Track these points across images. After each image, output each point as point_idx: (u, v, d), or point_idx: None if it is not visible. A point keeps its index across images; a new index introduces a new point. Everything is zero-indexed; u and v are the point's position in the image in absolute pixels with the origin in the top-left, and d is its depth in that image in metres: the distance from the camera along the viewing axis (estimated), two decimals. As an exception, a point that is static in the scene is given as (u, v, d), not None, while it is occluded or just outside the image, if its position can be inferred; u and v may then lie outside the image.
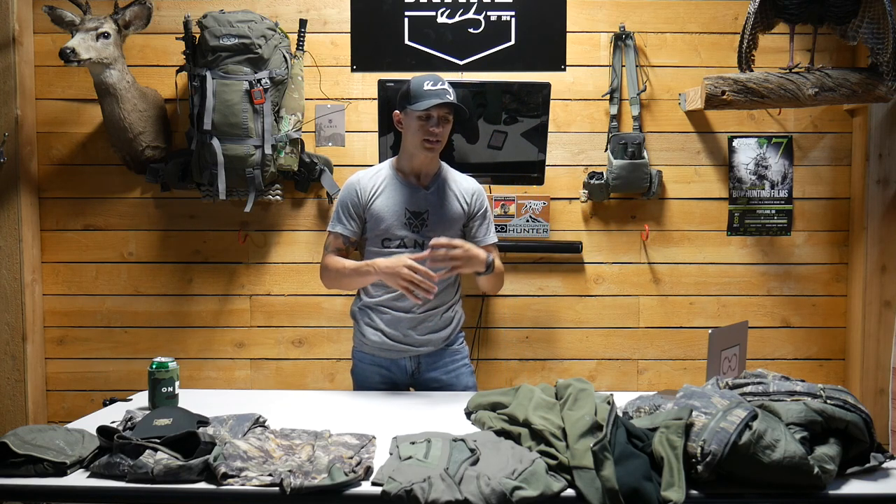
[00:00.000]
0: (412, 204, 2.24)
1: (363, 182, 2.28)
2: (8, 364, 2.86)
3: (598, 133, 2.94)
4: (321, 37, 2.92)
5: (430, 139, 2.18)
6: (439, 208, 2.25)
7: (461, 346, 2.37)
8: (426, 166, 2.27)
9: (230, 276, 2.97)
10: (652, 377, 2.99)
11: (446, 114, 2.20)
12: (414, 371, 2.30)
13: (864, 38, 2.44)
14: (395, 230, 2.23)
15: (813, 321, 2.99)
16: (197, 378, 2.96)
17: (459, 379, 2.33)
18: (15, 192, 2.83)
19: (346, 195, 2.29)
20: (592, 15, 2.92)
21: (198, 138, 2.68)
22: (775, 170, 2.95)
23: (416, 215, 2.24)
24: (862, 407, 1.52)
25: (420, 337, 2.25)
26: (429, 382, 2.30)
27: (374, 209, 2.24)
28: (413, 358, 2.29)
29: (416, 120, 2.19)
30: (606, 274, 2.98)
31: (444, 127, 2.20)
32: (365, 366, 2.33)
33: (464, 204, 2.29)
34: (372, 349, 2.29)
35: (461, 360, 2.35)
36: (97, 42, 2.57)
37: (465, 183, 2.34)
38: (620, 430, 1.51)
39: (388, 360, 2.29)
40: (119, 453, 1.52)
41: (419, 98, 2.17)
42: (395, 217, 2.23)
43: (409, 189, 2.26)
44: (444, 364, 2.31)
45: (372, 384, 2.31)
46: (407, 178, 2.28)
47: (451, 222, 2.26)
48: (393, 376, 2.30)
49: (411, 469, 1.48)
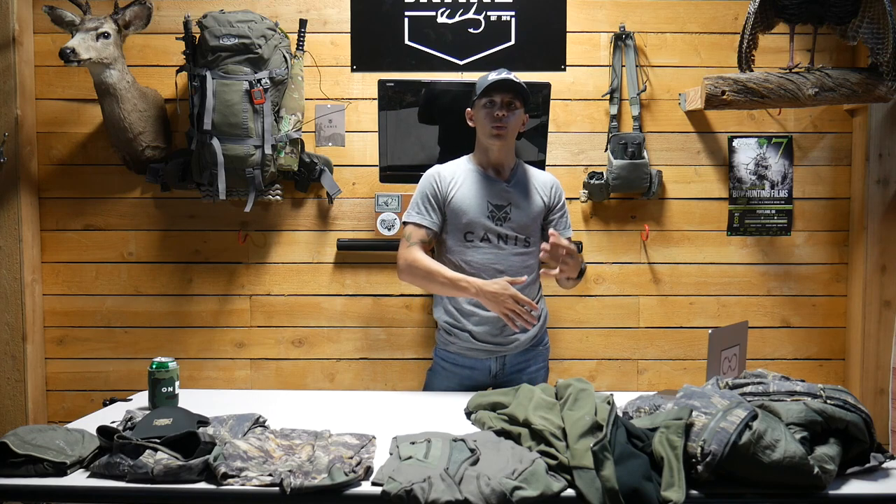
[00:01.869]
0: (494, 196, 2.23)
1: (443, 173, 2.27)
2: (8, 364, 2.86)
3: (598, 133, 2.94)
4: (321, 37, 2.92)
5: (496, 125, 2.18)
6: (521, 201, 2.24)
7: (545, 347, 2.36)
8: (502, 159, 2.26)
9: (230, 276, 2.97)
10: (652, 377, 2.99)
11: (511, 99, 2.19)
12: (497, 372, 2.27)
13: (864, 38, 2.44)
14: (477, 223, 2.20)
15: (813, 321, 2.99)
16: (197, 378, 2.96)
17: (540, 381, 2.29)
18: (15, 192, 2.83)
19: (425, 185, 2.26)
20: (592, 15, 2.92)
21: (198, 138, 2.68)
22: (775, 170, 2.95)
23: (499, 208, 2.22)
24: (862, 407, 1.52)
25: (507, 337, 2.23)
26: (509, 383, 2.22)
27: (455, 201, 2.22)
28: (499, 358, 2.26)
29: (482, 109, 2.20)
30: (606, 274, 2.98)
31: (509, 112, 2.19)
32: (448, 366, 2.30)
33: (544, 197, 2.28)
34: (458, 349, 2.26)
35: (542, 362, 2.34)
36: (97, 42, 2.57)
37: (542, 177, 2.34)
38: (620, 430, 1.51)
39: (473, 360, 2.26)
40: (119, 453, 1.52)
41: (482, 86, 2.20)
42: (477, 209, 2.20)
43: (489, 182, 2.25)
44: (528, 365, 2.29)
45: (450, 386, 2.29)
46: (486, 171, 2.27)
47: (532, 216, 2.24)
48: (475, 377, 2.27)
49: (411, 469, 1.48)
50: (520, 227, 2.22)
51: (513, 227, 2.21)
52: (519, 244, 2.23)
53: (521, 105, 2.23)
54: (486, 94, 2.18)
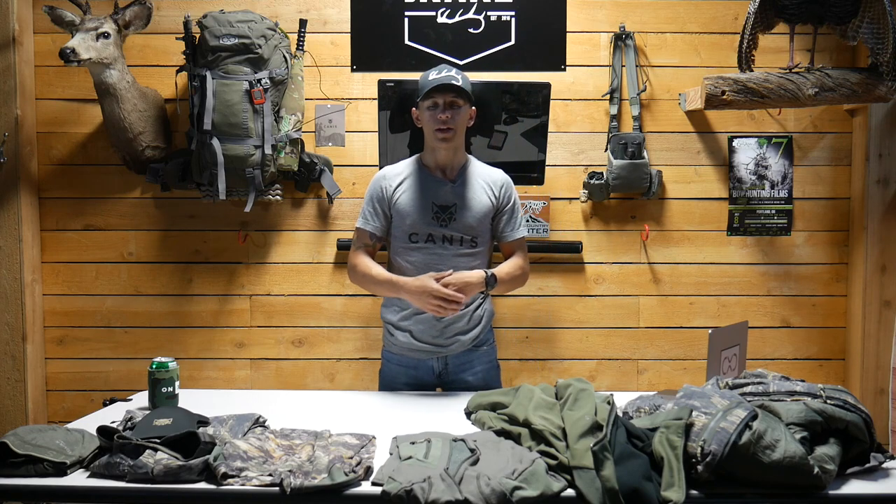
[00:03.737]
0: (438, 198, 2.21)
1: (388, 176, 2.26)
2: (8, 364, 2.86)
3: (598, 133, 2.94)
4: (321, 37, 2.92)
5: (440, 127, 2.16)
6: (467, 201, 2.21)
7: (490, 348, 2.34)
8: (449, 159, 2.24)
9: (230, 276, 2.97)
10: (652, 377, 2.99)
11: (453, 99, 2.16)
12: (441, 372, 2.26)
13: (864, 38, 2.44)
14: (421, 225, 2.19)
15: (813, 321, 2.99)
16: (197, 378, 2.96)
17: (487, 381, 2.28)
18: (15, 192, 2.83)
19: (371, 190, 2.27)
20: (592, 15, 2.92)
21: (198, 138, 2.68)
22: (775, 170, 2.95)
23: (444, 209, 2.20)
24: (862, 407, 1.52)
25: (448, 338, 2.22)
26: (456, 384, 2.26)
27: (399, 204, 2.21)
28: (440, 359, 2.25)
29: (426, 111, 2.18)
30: (606, 274, 2.98)
31: (453, 112, 2.16)
32: (392, 366, 2.31)
33: (492, 196, 2.25)
34: (400, 350, 2.27)
35: (488, 362, 2.32)
36: (97, 42, 2.57)
37: (493, 174, 2.30)
38: (620, 430, 1.51)
39: (416, 361, 2.26)
40: (119, 453, 1.52)
41: (423, 89, 2.17)
42: (421, 212, 2.19)
43: (434, 183, 2.23)
44: (472, 365, 2.28)
45: (398, 385, 2.29)
46: (433, 172, 2.25)
47: (478, 216, 2.22)
48: (420, 376, 2.27)
49: (411, 469, 1.48)
50: (466, 228, 2.20)
51: (458, 228, 2.19)
52: (465, 245, 2.21)
53: (464, 102, 2.19)
54: (429, 95, 2.15)
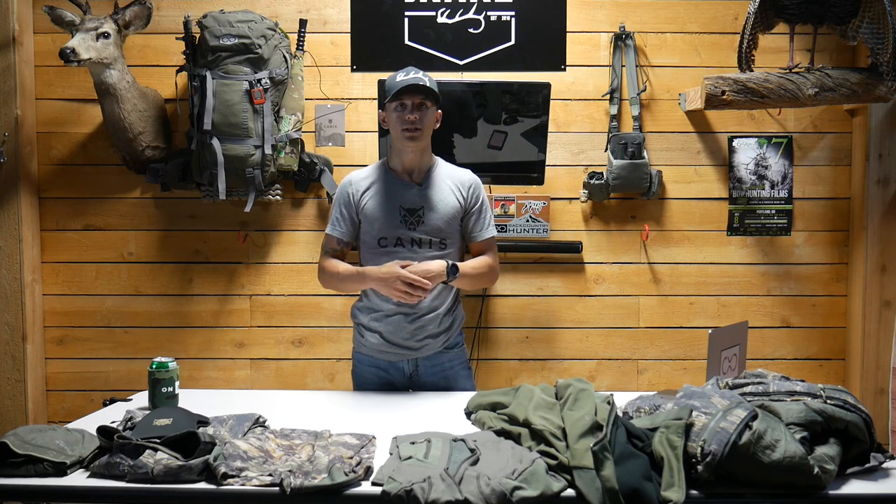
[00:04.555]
0: (406, 201, 2.21)
1: (355, 182, 2.27)
2: (8, 364, 2.86)
3: (598, 133, 2.94)
4: (321, 37, 2.92)
5: (408, 127, 2.16)
6: (434, 203, 2.21)
7: (460, 350, 2.35)
8: (416, 162, 2.24)
9: (230, 276, 2.97)
10: (652, 377, 2.99)
11: (421, 100, 2.17)
12: (412, 373, 2.28)
13: (864, 38, 2.44)
14: (389, 229, 2.20)
15: (813, 321, 2.99)
16: (197, 378, 2.96)
17: (457, 382, 2.30)
18: (15, 192, 2.83)
19: (338, 196, 2.28)
20: (592, 15, 2.92)
21: (198, 138, 2.68)
22: (775, 170, 2.95)
23: (411, 212, 2.20)
24: (862, 407, 1.52)
25: (418, 341, 2.24)
26: (426, 385, 2.28)
27: (366, 209, 2.22)
28: (411, 361, 2.27)
29: (393, 112, 2.18)
30: (606, 274, 2.98)
31: (420, 113, 2.17)
32: (364, 367, 2.32)
33: (459, 197, 2.24)
34: (370, 351, 2.28)
35: (459, 364, 2.33)
36: (97, 42, 2.57)
37: (460, 175, 2.30)
38: (620, 430, 1.51)
39: (387, 363, 2.28)
40: (119, 453, 1.52)
41: (390, 90, 2.17)
42: (388, 215, 2.20)
43: (401, 186, 2.23)
44: (443, 367, 2.29)
45: (370, 385, 2.30)
46: (399, 176, 2.25)
47: (446, 218, 2.22)
48: (391, 378, 2.29)
49: (411, 469, 1.48)
50: (434, 230, 2.20)
51: (427, 230, 2.19)
52: (434, 247, 2.21)
53: (432, 104, 2.20)
54: (396, 97, 2.16)
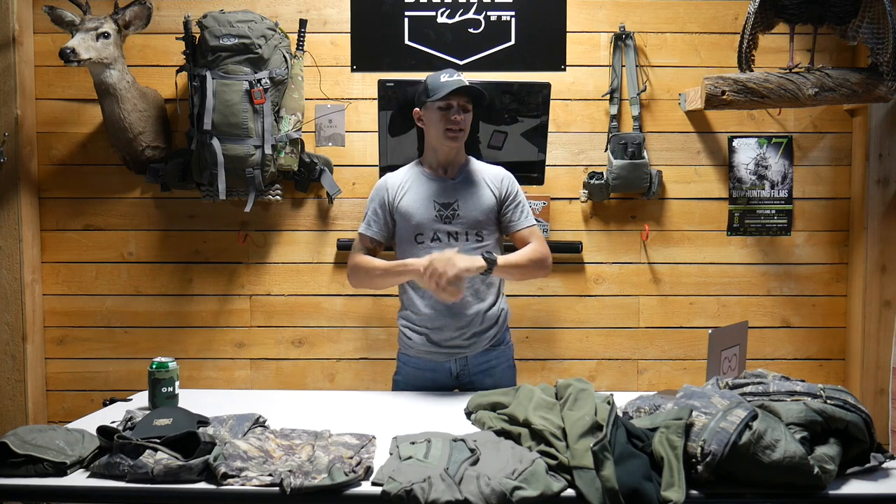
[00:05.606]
0: (440, 196, 2.23)
1: (390, 181, 2.30)
2: (8, 364, 2.86)
3: (598, 133, 2.94)
4: (321, 37, 2.92)
5: (452, 128, 2.19)
6: (469, 196, 2.24)
7: (507, 347, 2.34)
8: (452, 158, 2.27)
9: (230, 276, 2.97)
10: (652, 377, 2.99)
11: (466, 102, 2.21)
12: (459, 373, 2.26)
13: (864, 38, 2.44)
14: (426, 224, 2.21)
15: (813, 321, 2.99)
16: (197, 378, 2.96)
17: (505, 381, 2.28)
18: (15, 192, 2.83)
19: (374, 196, 2.30)
20: (592, 15, 2.92)
21: (198, 138, 2.68)
22: (775, 170, 2.95)
23: (446, 206, 2.22)
24: (862, 407, 1.52)
25: (466, 339, 2.22)
26: (474, 385, 2.25)
27: (402, 206, 2.24)
28: (459, 360, 2.25)
29: (436, 111, 2.20)
30: (606, 274, 2.98)
31: (464, 116, 2.22)
32: (409, 369, 2.30)
33: (494, 190, 2.27)
34: (417, 352, 2.27)
35: (506, 362, 2.32)
36: (97, 42, 2.57)
37: (492, 171, 2.34)
38: (620, 430, 1.51)
39: (434, 363, 2.26)
40: (119, 453, 1.52)
41: (438, 90, 2.18)
42: (424, 211, 2.22)
43: (436, 182, 2.26)
44: (490, 365, 2.28)
45: (416, 388, 2.28)
46: (434, 172, 2.28)
47: (482, 210, 2.24)
48: (438, 378, 2.27)
49: (411, 469, 1.48)
50: (470, 222, 2.22)
51: (462, 223, 2.21)
52: (471, 240, 2.22)
53: (472, 107, 2.25)
54: (445, 97, 2.18)
